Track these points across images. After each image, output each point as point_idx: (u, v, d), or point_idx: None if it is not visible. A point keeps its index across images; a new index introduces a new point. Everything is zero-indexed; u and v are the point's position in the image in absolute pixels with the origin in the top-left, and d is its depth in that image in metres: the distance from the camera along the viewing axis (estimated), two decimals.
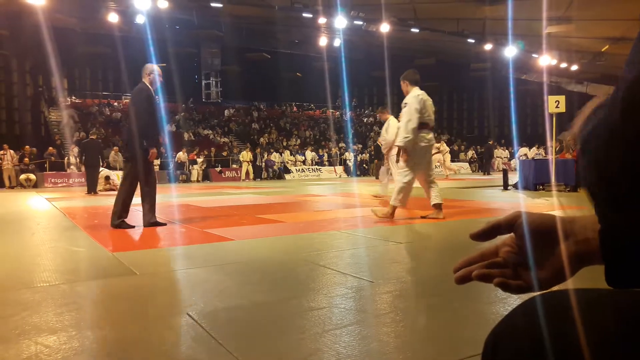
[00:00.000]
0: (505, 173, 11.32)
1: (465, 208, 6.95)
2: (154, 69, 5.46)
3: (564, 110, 9.57)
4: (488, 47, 25.28)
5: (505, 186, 10.79)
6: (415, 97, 5.53)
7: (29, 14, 19.32)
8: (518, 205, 7.40)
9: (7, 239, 4.94)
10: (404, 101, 5.63)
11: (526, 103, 34.13)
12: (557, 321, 0.51)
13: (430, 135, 5.61)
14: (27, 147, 18.76)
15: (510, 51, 24.63)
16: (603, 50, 23.77)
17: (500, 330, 0.58)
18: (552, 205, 7.18)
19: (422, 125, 5.49)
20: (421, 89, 5.66)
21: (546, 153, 17.54)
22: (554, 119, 9.69)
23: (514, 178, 11.63)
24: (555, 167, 9.71)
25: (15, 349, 1.80)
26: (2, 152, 17.77)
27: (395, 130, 6.69)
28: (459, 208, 6.93)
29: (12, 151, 17.99)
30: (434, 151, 6.72)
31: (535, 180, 10.21)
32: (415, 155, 5.47)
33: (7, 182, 17.64)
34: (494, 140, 29.65)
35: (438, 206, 5.56)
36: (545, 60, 25.34)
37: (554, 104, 9.51)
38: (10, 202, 10.47)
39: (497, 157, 27.35)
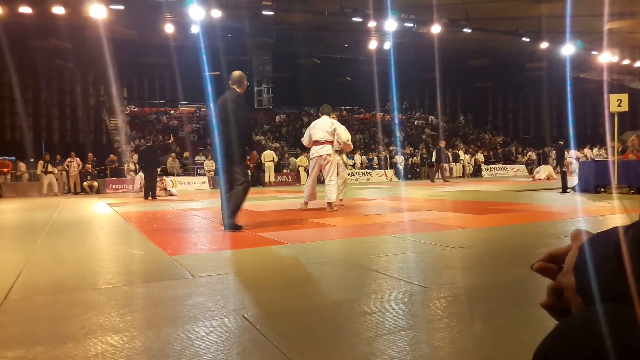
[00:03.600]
0: (564, 175, 10.92)
1: (522, 212, 6.75)
2: (245, 77, 5.61)
3: (627, 109, 9.13)
4: (544, 45, 24.46)
5: (564, 189, 10.40)
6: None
7: (91, 27, 20.33)
8: (576, 209, 7.11)
9: (74, 242, 5.20)
10: None
11: (585, 102, 32.74)
12: (621, 335, 0.50)
13: (314, 149, 7.52)
14: (90, 154, 19.70)
15: (568, 49, 23.71)
16: None
17: (551, 341, 0.57)
18: (614, 208, 6.86)
19: (313, 142, 7.56)
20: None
21: (607, 154, 16.78)
22: (616, 118, 9.26)
23: (573, 180, 11.20)
24: (617, 169, 9.27)
25: (83, 347, 1.90)
26: (69, 159, 18.78)
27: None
28: (517, 212, 6.73)
29: (78, 159, 18.98)
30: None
31: (596, 182, 9.77)
32: (309, 165, 7.83)
33: (72, 189, 18.60)
34: (552, 141, 28.59)
35: (329, 204, 7.46)
36: (606, 57, 24.25)
37: (616, 103, 9.09)
38: (76, 207, 11.02)
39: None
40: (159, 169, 15.28)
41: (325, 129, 7.48)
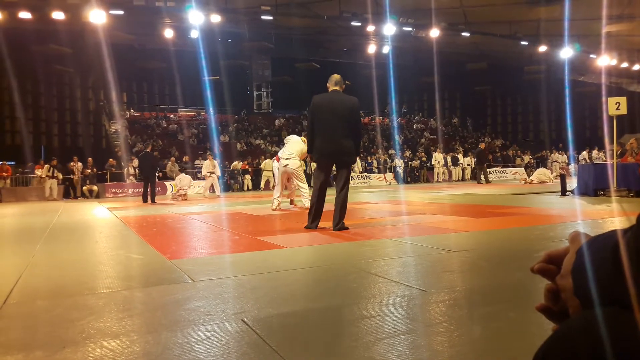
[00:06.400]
0: (563, 178, 10.92)
1: (521, 215, 6.75)
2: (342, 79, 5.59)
3: (625, 112, 9.15)
4: (542, 49, 24.50)
5: (564, 192, 10.40)
6: None
7: (90, 32, 20.38)
8: (575, 212, 7.11)
9: (73, 247, 5.20)
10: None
11: (584, 105, 32.79)
12: (620, 339, 0.50)
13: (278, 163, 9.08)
14: (90, 159, 19.72)
15: (566, 52, 23.76)
16: None
17: (550, 345, 0.57)
18: (613, 211, 6.86)
19: None
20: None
21: (606, 157, 16.81)
22: (614, 121, 9.28)
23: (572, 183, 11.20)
24: (616, 172, 9.28)
25: (82, 351, 1.90)
26: (72, 164, 18.84)
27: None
28: (516, 215, 6.73)
29: (80, 163, 19.02)
30: None
31: (595, 186, 9.78)
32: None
33: (72, 193, 18.61)
34: (551, 144, 28.61)
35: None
36: (604, 60, 24.30)
37: (615, 106, 9.11)
38: (76, 211, 11.01)
39: (554, 161, 26.36)
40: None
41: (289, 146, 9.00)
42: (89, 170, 19.28)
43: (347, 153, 5.33)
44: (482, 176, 20.08)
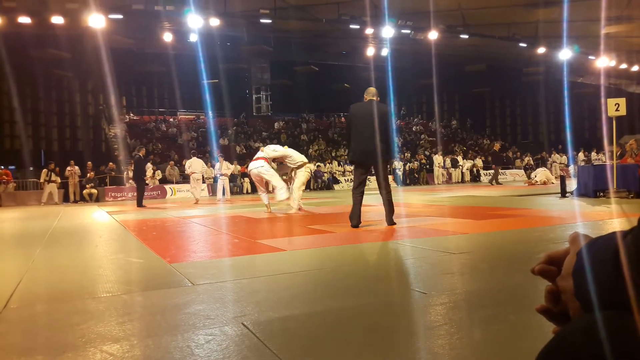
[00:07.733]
0: (562, 180, 10.92)
1: (521, 217, 6.74)
2: None
3: (625, 113, 9.15)
4: (541, 50, 24.53)
5: (563, 193, 10.40)
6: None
7: (90, 37, 20.39)
8: (575, 214, 7.11)
9: (73, 251, 5.19)
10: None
11: (583, 107, 32.81)
12: (620, 342, 0.50)
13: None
14: (89, 163, 19.70)
15: (565, 54, 23.78)
16: None
17: (551, 348, 0.57)
18: (613, 212, 6.86)
19: None
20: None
21: (606, 158, 16.84)
22: (614, 122, 9.29)
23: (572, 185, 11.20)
24: (616, 173, 9.28)
25: (82, 356, 1.89)
26: (69, 168, 18.78)
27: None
28: (516, 217, 6.73)
29: (77, 167, 18.98)
30: None
31: (595, 187, 9.78)
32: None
33: (72, 197, 18.57)
34: (550, 146, 28.63)
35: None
36: (603, 61, 24.34)
37: (614, 107, 9.12)
38: (76, 216, 11.00)
39: (554, 161, 26.37)
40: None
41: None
42: (89, 174, 19.26)
43: (379, 154, 5.72)
44: (496, 177, 20.37)
